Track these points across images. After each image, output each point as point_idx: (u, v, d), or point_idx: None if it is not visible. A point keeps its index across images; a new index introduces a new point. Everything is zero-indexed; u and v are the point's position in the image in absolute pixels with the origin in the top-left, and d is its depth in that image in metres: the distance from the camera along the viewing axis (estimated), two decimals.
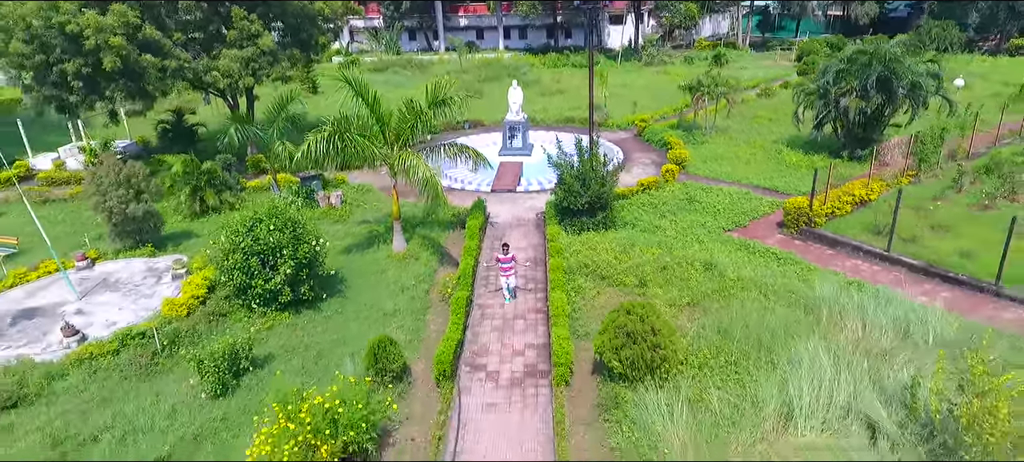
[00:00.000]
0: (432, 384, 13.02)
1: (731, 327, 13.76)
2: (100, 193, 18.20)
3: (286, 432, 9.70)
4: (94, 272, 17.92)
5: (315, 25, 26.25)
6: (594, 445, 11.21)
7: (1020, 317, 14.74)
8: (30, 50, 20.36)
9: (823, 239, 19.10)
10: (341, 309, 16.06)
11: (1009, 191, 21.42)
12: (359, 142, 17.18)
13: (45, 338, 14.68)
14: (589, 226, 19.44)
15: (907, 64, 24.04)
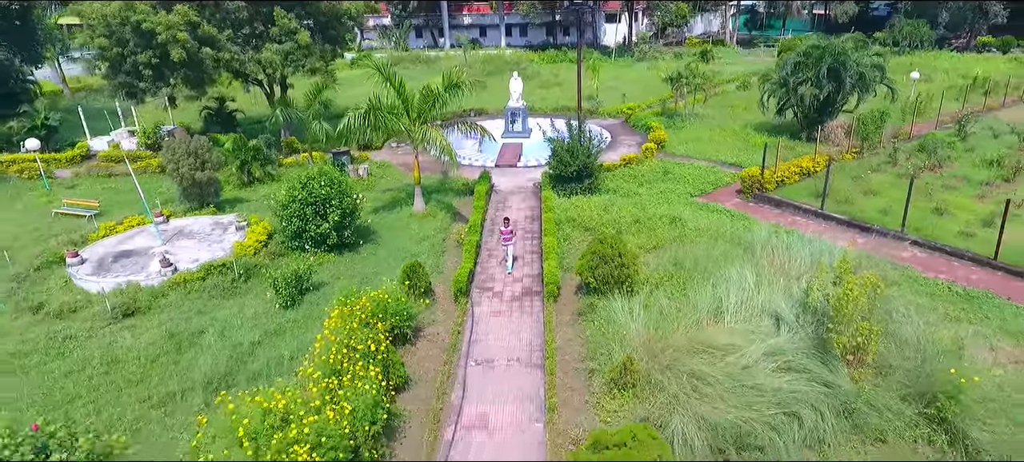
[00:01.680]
0: (451, 300, 16.89)
1: (684, 260, 17.60)
2: (174, 161, 22.11)
3: (350, 316, 13.55)
4: (170, 226, 21.80)
5: (342, 23, 30.16)
6: (574, 336, 15.08)
7: (913, 255, 18.63)
8: (109, 44, 24.26)
9: (772, 201, 22.97)
10: (375, 251, 19.95)
11: (934, 164, 25.30)
12: (388, 118, 21.06)
13: (144, 270, 18.57)
14: (577, 191, 23.33)
15: (854, 57, 27.87)
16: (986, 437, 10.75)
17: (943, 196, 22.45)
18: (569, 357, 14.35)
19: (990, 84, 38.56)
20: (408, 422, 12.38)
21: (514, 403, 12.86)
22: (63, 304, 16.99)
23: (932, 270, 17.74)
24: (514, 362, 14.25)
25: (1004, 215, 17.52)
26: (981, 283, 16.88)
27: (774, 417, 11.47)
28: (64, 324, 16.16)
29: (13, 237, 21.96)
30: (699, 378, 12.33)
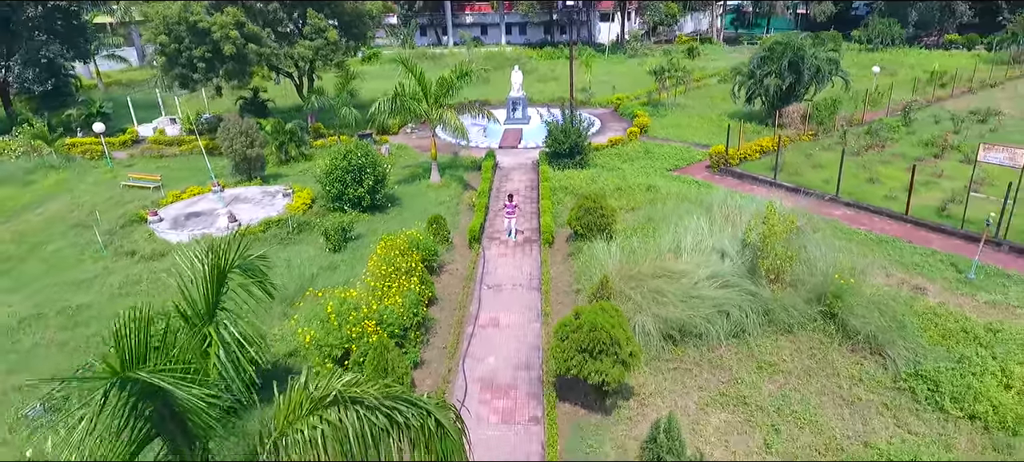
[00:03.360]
0: (466, 246, 20.97)
1: (655, 216, 21.69)
2: (228, 139, 26.17)
3: (392, 247, 17.63)
4: (226, 194, 25.85)
5: (364, 22, 34.19)
6: (565, 270, 19.17)
7: (843, 213, 22.76)
8: (168, 40, 28.28)
9: (734, 174, 27.08)
10: (400, 213, 24.02)
11: (877, 144, 29.43)
12: (410, 102, 25.13)
13: (214, 226, 22.64)
14: (569, 165, 27.42)
15: (811, 52, 31.98)
16: (859, 324, 14.82)
17: (878, 169, 26.57)
18: (560, 283, 18.46)
19: (945, 77, 42.67)
20: (438, 324, 16.47)
21: (518, 312, 16.97)
22: (152, 250, 21.08)
23: (856, 223, 21.88)
24: (518, 287, 18.35)
25: (911, 179, 21.65)
26: (891, 232, 21.03)
27: (710, 315, 15.54)
28: (158, 264, 20.25)
29: (94, 204, 25.98)
30: (658, 292, 16.34)
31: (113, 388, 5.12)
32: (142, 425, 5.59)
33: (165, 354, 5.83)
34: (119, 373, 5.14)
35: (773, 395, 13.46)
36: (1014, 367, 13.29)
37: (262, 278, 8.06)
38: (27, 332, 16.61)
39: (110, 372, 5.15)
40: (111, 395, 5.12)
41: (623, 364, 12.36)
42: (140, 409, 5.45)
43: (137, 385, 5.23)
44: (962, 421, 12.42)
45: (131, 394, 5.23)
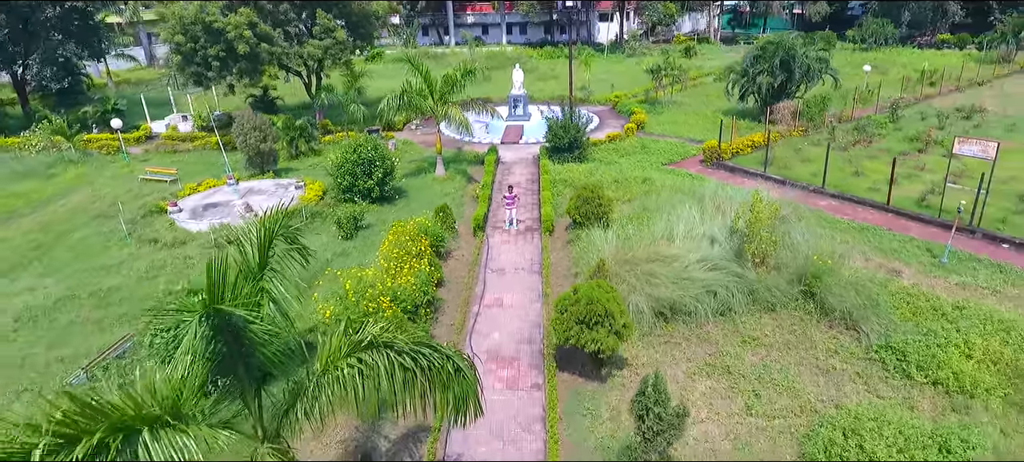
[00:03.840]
0: (471, 234, 22.17)
1: (650, 206, 22.89)
2: (243, 134, 27.37)
3: (402, 232, 18.83)
4: (240, 186, 27.06)
5: (370, 22, 35.38)
6: (564, 255, 20.37)
7: (828, 203, 23.97)
8: (185, 40, 29.47)
9: (726, 167, 28.28)
10: (408, 204, 25.22)
11: (864, 139, 30.64)
12: (417, 99, 26.33)
13: (230, 216, 23.84)
14: (569, 159, 28.63)
15: (802, 52, 33.19)
16: (836, 302, 16.01)
17: (864, 163, 27.77)
18: (560, 267, 19.67)
19: (934, 76, 43.88)
20: (446, 303, 17.68)
21: (520, 293, 18.18)
22: (174, 238, 22.29)
23: (840, 213, 23.10)
24: (520, 270, 19.57)
25: (892, 171, 22.88)
26: (873, 221, 22.25)
27: (699, 295, 16.74)
28: (180, 251, 21.46)
29: (114, 196, 27.17)
30: (651, 275, 17.52)
31: (205, 318, 6.32)
32: (216, 355, 6.78)
33: (234, 301, 7.01)
34: (210, 305, 6.34)
35: (755, 365, 14.67)
36: (975, 339, 14.50)
37: (299, 245, 9.24)
38: (63, 311, 17.81)
39: (203, 305, 6.35)
40: (202, 324, 6.31)
41: (617, 334, 13.57)
42: (217, 342, 6.65)
43: (220, 317, 6.43)
44: (926, 386, 13.64)
45: (213, 326, 6.43)
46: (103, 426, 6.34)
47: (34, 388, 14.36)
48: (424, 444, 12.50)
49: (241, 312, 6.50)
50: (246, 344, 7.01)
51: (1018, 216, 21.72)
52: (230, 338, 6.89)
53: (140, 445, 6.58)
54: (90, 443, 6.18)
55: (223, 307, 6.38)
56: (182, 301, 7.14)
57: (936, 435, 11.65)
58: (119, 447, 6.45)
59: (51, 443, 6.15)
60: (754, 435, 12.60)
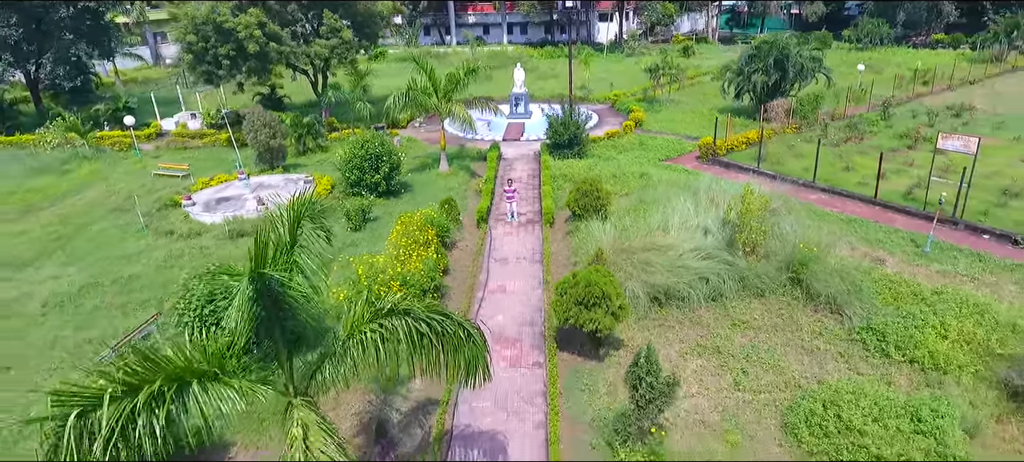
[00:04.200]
0: (474, 226, 23.07)
1: (647, 199, 23.79)
2: (253, 130, 28.28)
3: (410, 222, 19.73)
4: (251, 181, 27.97)
5: (375, 22, 36.29)
6: (564, 246, 21.27)
7: (819, 197, 24.88)
8: (196, 40, 30.38)
9: (721, 163, 29.20)
10: (413, 198, 26.12)
11: (856, 136, 31.55)
12: (421, 97, 27.23)
13: (243, 209, 24.76)
14: (568, 155, 29.54)
15: (796, 51, 34.10)
16: (822, 288, 16.91)
17: (855, 159, 28.68)
18: (560, 257, 20.58)
19: (927, 75, 44.77)
20: (451, 290, 18.59)
21: (522, 280, 19.09)
22: (189, 230, 23.20)
23: (829, 206, 24.01)
24: (522, 260, 20.48)
25: (879, 166, 23.79)
26: (861, 214, 23.15)
27: (692, 281, 17.64)
28: (195, 241, 22.36)
29: (128, 191, 28.07)
30: (647, 263, 18.41)
31: (252, 280, 7.23)
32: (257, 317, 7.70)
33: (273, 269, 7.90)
34: (255, 270, 7.25)
35: (743, 346, 15.58)
36: (951, 321, 15.41)
37: (323, 226, 10.14)
38: (87, 297, 18.74)
39: (250, 270, 7.27)
40: (249, 285, 7.22)
41: (613, 315, 14.48)
42: (258, 305, 7.56)
43: (262, 281, 7.34)
44: (903, 364, 14.54)
45: (257, 290, 7.34)
46: (161, 376, 7.27)
47: (66, 367, 15.27)
48: (433, 416, 13.42)
49: (279, 275, 7.42)
50: (283, 308, 7.92)
51: (999, 209, 22.61)
52: (269, 303, 7.79)
53: (191, 395, 7.51)
54: (151, 390, 7.11)
55: (266, 272, 7.29)
56: (229, 268, 8.05)
57: (909, 406, 12.55)
58: (173, 396, 7.38)
59: (117, 390, 7.08)
60: (740, 408, 13.51)
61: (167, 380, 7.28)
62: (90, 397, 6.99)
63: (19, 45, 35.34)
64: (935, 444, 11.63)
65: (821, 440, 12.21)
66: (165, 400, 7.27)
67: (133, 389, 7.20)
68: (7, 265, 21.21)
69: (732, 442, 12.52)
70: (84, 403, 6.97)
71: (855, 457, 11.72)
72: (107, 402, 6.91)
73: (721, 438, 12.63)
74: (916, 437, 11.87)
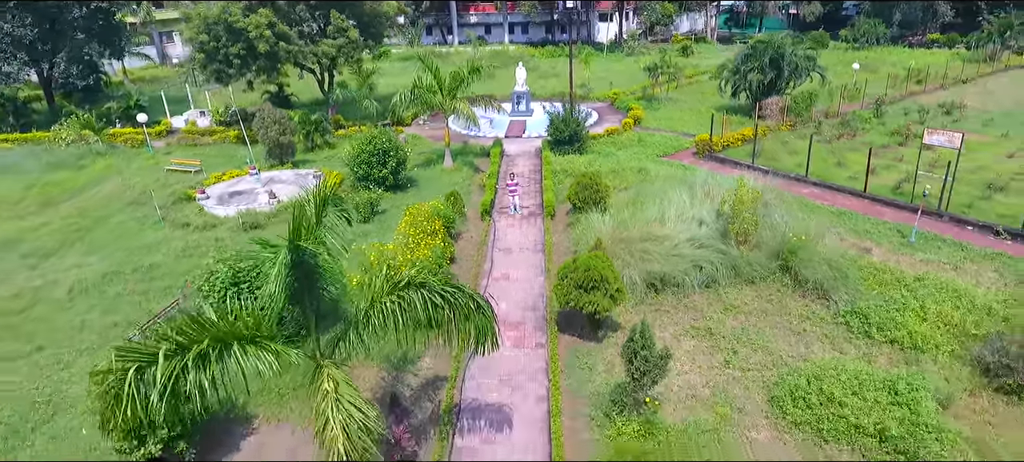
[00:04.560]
0: (479, 219, 23.98)
1: (644, 193, 24.69)
2: (264, 127, 29.21)
3: (417, 213, 20.65)
4: (262, 176, 28.88)
5: (380, 21, 37.21)
6: (565, 237, 22.18)
7: (811, 191, 25.78)
8: (208, 39, 31.30)
9: (717, 159, 30.10)
10: (419, 192, 27.03)
11: (848, 133, 32.45)
12: (427, 94, 28.16)
13: (255, 202, 25.67)
14: (569, 151, 30.45)
15: (790, 50, 35.00)
16: (810, 274, 17.82)
17: (846, 155, 29.59)
18: (561, 247, 21.49)
19: (921, 74, 45.67)
20: (457, 277, 19.38)
21: (525, 269, 20.01)
22: (204, 222, 24.12)
23: (820, 199, 24.91)
24: (525, 250, 21.40)
25: (868, 161, 24.70)
26: (850, 207, 24.06)
27: (687, 269, 18.54)
28: (210, 233, 23.28)
29: (143, 186, 28.98)
30: (644, 252, 19.31)
31: (290, 249, 8.15)
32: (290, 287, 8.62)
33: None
34: (293, 241, 8.17)
35: (734, 328, 16.49)
36: (930, 305, 16.33)
37: (345, 210, 11.05)
38: (110, 285, 19.66)
39: (288, 241, 8.19)
40: (285, 255, 8.14)
41: (611, 297, 15.40)
42: (293, 275, 8.48)
43: (297, 252, 8.26)
44: (884, 344, 15.46)
45: (292, 261, 8.26)
46: (207, 337, 8.20)
47: (95, 347, 16.21)
48: (442, 391, 14.34)
49: (311, 247, 8.35)
50: (313, 279, 8.84)
51: (983, 201, 23.52)
52: (301, 274, 8.71)
53: (232, 355, 8.44)
54: (199, 349, 8.04)
55: (301, 243, 8.22)
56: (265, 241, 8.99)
57: (886, 380, 13.46)
58: (217, 356, 8.31)
59: (170, 349, 8.01)
60: (730, 384, 14.42)
61: (213, 341, 8.20)
62: (147, 355, 7.92)
63: (34, 44, 36.26)
64: (909, 413, 12.53)
65: (804, 411, 13.12)
66: (211, 359, 8.21)
67: (183, 349, 8.13)
68: (32, 254, 22.14)
69: (722, 414, 13.42)
70: (142, 359, 7.90)
71: (835, 426, 12.63)
72: (161, 359, 7.84)
73: (711, 410, 13.54)
74: (892, 408, 12.77)
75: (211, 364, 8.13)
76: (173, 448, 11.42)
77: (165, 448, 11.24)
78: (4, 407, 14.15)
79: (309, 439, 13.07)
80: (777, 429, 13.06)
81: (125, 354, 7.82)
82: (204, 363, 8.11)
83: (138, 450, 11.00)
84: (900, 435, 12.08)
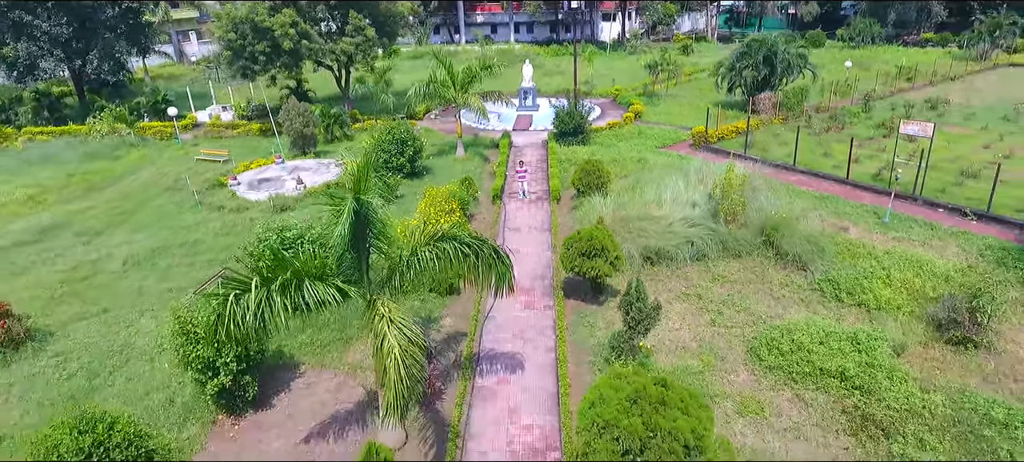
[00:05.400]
0: (490, 202, 26.06)
1: (642, 179, 26.75)
2: (289, 119, 31.34)
3: (436, 195, 22.73)
4: (287, 165, 31.03)
5: (395, 21, 39.36)
6: (569, 218, 24.25)
7: (798, 178, 27.79)
8: (235, 38, 33.47)
9: (712, 149, 32.12)
10: (434, 179, 29.11)
11: (836, 126, 34.44)
12: (441, 89, 30.27)
13: (283, 187, 27.81)
14: (573, 142, 32.52)
15: (783, 49, 36.99)
16: (789, 245, 19.85)
17: (833, 146, 31.57)
18: (566, 227, 23.55)
19: (911, 71, 47.58)
20: None
21: (534, 245, 22.09)
22: (237, 205, 26.26)
23: (806, 186, 26.92)
24: (533, 229, 23.48)
25: (850, 151, 26.72)
26: (833, 192, 26.07)
27: (680, 244, 20.59)
28: (243, 214, 25.41)
29: (176, 174, 31.15)
30: (641, 230, 21.37)
31: (355, 199, 10.25)
32: (350, 234, 10.71)
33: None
34: (355, 194, 10.27)
35: (721, 294, 18.53)
36: (895, 273, 18.36)
37: (384, 177, 13.15)
38: (160, 258, 21.81)
39: (353, 194, 10.29)
40: (350, 205, 10.24)
41: (611, 264, 17.47)
42: (353, 223, 10.56)
43: (359, 203, 10.36)
44: (852, 307, 17.49)
45: (355, 209, 10.35)
46: (287, 273, 10.30)
47: (156, 307, 18.36)
48: (462, 344, 16.42)
49: (372, 199, 10.46)
50: (365, 227, 10.93)
51: (956, 187, 25.49)
52: (359, 223, 10.80)
53: (305, 288, 10.53)
54: (283, 279, 10.14)
55: (361, 196, 10.32)
56: (334, 193, 11.14)
57: (849, 333, 15.49)
58: (293, 289, 10.41)
59: (260, 280, 10.12)
60: (715, 338, 16.48)
61: (293, 274, 10.31)
62: (242, 284, 10.03)
63: (69, 42, 38.48)
64: (866, 359, 14.57)
65: (777, 358, 15.17)
66: (291, 289, 10.31)
67: (268, 279, 10.24)
68: (84, 233, 24.31)
69: (706, 361, 15.48)
70: (239, 288, 10.02)
71: (802, 369, 14.68)
72: (255, 288, 9.95)
73: (698, 358, 15.60)
74: (853, 354, 14.80)
75: (291, 292, 10.24)
76: (239, 381, 13.52)
77: (233, 380, 13.34)
78: (83, 355, 16.30)
79: (348, 380, 15.26)
80: (753, 373, 15.10)
81: (229, 284, 9.93)
82: (285, 292, 10.21)
83: (212, 381, 13.10)
84: (856, 374, 14.12)
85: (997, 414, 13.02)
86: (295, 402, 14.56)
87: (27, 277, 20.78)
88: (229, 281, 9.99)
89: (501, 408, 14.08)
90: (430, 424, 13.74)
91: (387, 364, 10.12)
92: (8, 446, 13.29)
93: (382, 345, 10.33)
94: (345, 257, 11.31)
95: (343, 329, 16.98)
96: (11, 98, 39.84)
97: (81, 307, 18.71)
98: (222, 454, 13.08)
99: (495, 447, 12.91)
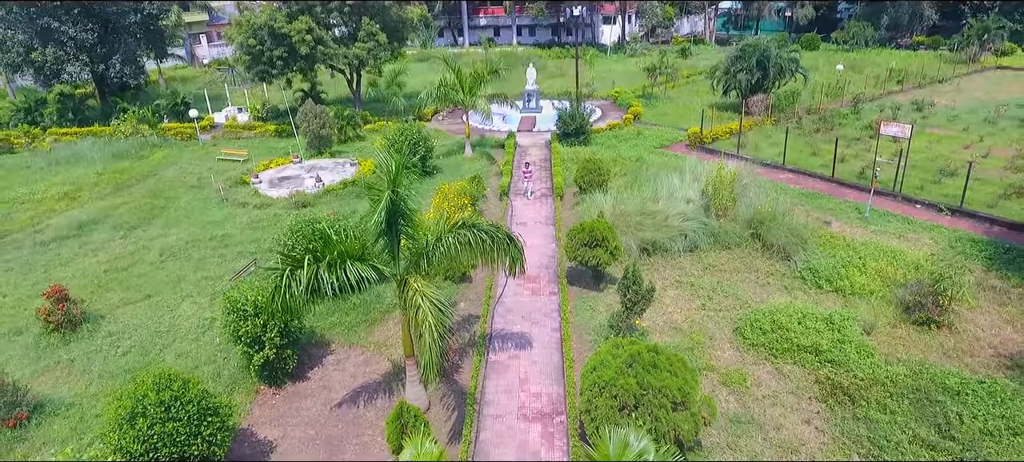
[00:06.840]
0: (497, 199, 27.82)
1: (641, 177, 28.50)
2: (306, 120, 33.12)
3: (448, 190, 24.49)
4: (304, 164, 32.79)
5: (406, 27, 41.12)
6: (572, 213, 26.00)
7: (786, 177, 29.52)
8: (254, 43, 35.27)
9: (706, 149, 33.85)
10: (444, 177, 30.85)
11: (825, 127, 36.16)
12: (450, 92, 32.03)
13: (302, 185, 29.58)
14: (575, 142, 34.27)
15: (775, 53, 38.73)
16: (774, 237, 21.59)
17: (821, 146, 33.30)
18: (568, 221, 25.28)
19: (901, 74, 49.29)
20: None
21: (539, 238, 23.85)
22: (260, 202, 28.03)
23: (794, 183, 28.65)
24: (538, 223, 25.24)
25: (835, 150, 28.45)
26: (819, 189, 27.80)
27: (674, 237, 22.34)
28: (267, 210, 27.18)
29: (199, 173, 32.91)
30: (639, 223, 23.11)
31: (391, 190, 12.02)
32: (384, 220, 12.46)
33: None
34: (390, 185, 12.04)
35: (711, 282, 20.25)
36: (870, 262, 20.10)
37: (416, 171, 14.89)
38: (194, 249, 23.57)
39: (387, 185, 12.06)
40: (387, 195, 12.00)
41: (611, 254, 19.21)
42: (387, 212, 12.31)
43: (395, 194, 12.12)
44: (830, 292, 19.21)
45: (390, 199, 12.11)
46: (332, 252, 12.06)
47: (195, 293, 20.12)
48: (476, 325, 18.16)
49: (401, 190, 12.23)
50: (397, 215, 12.69)
51: (934, 185, 27.21)
52: (392, 212, 12.56)
53: (346, 267, 12.28)
54: (330, 258, 11.91)
55: (397, 187, 12.09)
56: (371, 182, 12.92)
57: (825, 315, 17.22)
58: (338, 266, 12.16)
59: (311, 258, 11.88)
60: (704, 320, 18.21)
61: (337, 255, 12.07)
62: (296, 261, 11.80)
63: (94, 47, 40.30)
64: (838, 336, 16.30)
65: (759, 336, 16.90)
66: (337, 267, 12.07)
67: (318, 258, 12.00)
68: (119, 227, 26.08)
69: (696, 340, 17.21)
70: (292, 265, 11.78)
71: (781, 346, 16.41)
72: (306, 264, 11.71)
73: (688, 337, 17.34)
74: (826, 333, 16.53)
75: (337, 270, 11.99)
76: (281, 354, 15.28)
77: (276, 353, 15.09)
78: (134, 335, 18.06)
79: (376, 356, 17.02)
80: (738, 350, 16.84)
81: (286, 261, 11.70)
82: (333, 268, 11.97)
83: (258, 353, 14.85)
84: (829, 349, 15.86)
85: (951, 383, 14.76)
86: (328, 374, 16.33)
87: (73, 267, 22.55)
88: (286, 258, 11.75)
89: (512, 379, 15.83)
90: (450, 393, 15.50)
91: (422, 330, 11.88)
92: (77, 411, 15.06)
93: (417, 314, 12.09)
94: (379, 242, 13.04)
95: (368, 312, 18.73)
96: (36, 100, 41.65)
97: (126, 293, 20.47)
98: (265, 417, 14.85)
99: (508, 411, 14.66)
